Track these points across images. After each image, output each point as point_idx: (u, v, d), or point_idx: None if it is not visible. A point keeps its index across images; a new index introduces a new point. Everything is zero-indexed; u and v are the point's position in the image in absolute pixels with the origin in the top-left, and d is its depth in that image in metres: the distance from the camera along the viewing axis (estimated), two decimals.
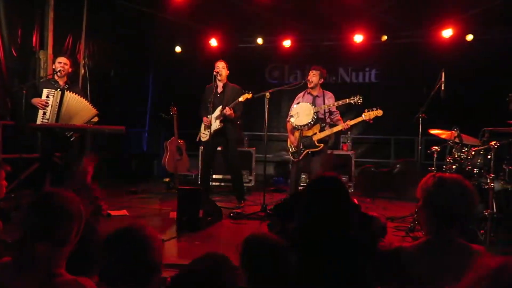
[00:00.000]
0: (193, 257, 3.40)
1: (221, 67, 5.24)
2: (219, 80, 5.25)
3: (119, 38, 7.79)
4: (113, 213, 4.56)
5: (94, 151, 4.49)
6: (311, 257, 1.68)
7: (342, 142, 6.99)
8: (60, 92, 4.68)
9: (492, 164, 3.50)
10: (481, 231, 3.50)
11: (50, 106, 4.65)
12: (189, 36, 8.31)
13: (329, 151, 5.30)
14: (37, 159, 4.96)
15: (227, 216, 4.65)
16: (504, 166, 3.75)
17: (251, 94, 4.98)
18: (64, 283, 1.35)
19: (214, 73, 5.15)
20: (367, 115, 4.65)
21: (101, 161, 2.71)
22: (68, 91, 4.73)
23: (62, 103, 4.67)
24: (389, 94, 7.52)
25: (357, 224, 1.80)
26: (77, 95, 4.76)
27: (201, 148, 6.46)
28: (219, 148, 5.48)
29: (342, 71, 8.22)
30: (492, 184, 3.46)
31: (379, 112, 4.65)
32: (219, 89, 5.30)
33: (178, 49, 8.41)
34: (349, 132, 6.61)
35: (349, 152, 6.25)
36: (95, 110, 4.81)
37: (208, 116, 5.12)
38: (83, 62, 6.82)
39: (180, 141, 6.39)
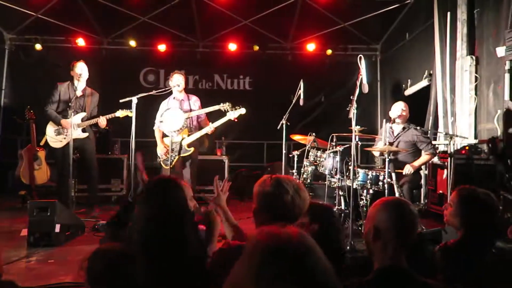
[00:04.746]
0: (44, 278, 3.10)
1: (83, 69, 4.91)
2: (80, 83, 4.91)
3: None
4: None
5: None
6: (150, 260, 1.66)
7: (218, 147, 7.13)
8: None
9: (338, 165, 3.93)
10: None
11: None
12: (51, 33, 7.59)
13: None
14: None
15: (90, 229, 4.35)
16: (349, 166, 4.25)
17: (132, 113, 4.67)
18: None
19: (75, 74, 4.79)
20: (231, 114, 4.82)
21: None
22: None
23: None
24: (262, 101, 7.95)
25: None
26: None
27: None
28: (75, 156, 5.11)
29: (218, 77, 8.41)
30: (338, 183, 3.89)
31: (242, 110, 4.85)
32: (78, 93, 4.95)
33: (38, 46, 7.59)
34: (223, 138, 6.77)
35: (222, 157, 6.40)
36: None
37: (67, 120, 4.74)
38: None
39: (39, 149, 5.75)
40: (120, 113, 4.82)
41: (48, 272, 3.13)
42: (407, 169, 4.27)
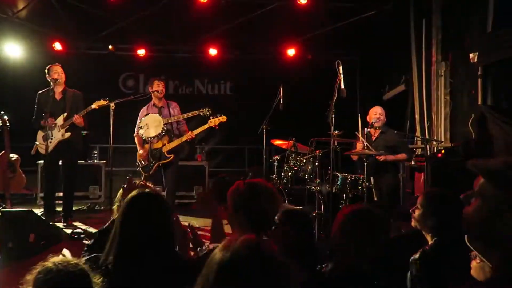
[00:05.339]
0: None
1: (60, 72, 4.83)
2: (58, 86, 4.83)
3: None
4: None
5: None
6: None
7: (198, 153, 7.08)
8: None
9: (318, 170, 3.96)
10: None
11: None
12: (27, 37, 7.42)
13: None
14: None
15: (68, 238, 4.25)
16: (328, 171, 4.28)
17: (107, 101, 4.64)
18: None
19: (52, 79, 4.71)
20: (212, 122, 4.79)
21: None
22: None
23: None
24: (243, 106, 7.94)
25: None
26: None
27: (41, 162, 5.79)
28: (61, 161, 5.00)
29: (198, 82, 8.37)
30: (318, 188, 3.91)
31: (223, 118, 4.82)
32: (58, 96, 4.86)
33: (13, 51, 7.40)
34: (203, 143, 6.73)
35: (202, 163, 6.36)
36: None
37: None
38: None
39: (13, 156, 5.60)
40: (95, 104, 4.73)
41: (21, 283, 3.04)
42: (381, 157, 4.25)
